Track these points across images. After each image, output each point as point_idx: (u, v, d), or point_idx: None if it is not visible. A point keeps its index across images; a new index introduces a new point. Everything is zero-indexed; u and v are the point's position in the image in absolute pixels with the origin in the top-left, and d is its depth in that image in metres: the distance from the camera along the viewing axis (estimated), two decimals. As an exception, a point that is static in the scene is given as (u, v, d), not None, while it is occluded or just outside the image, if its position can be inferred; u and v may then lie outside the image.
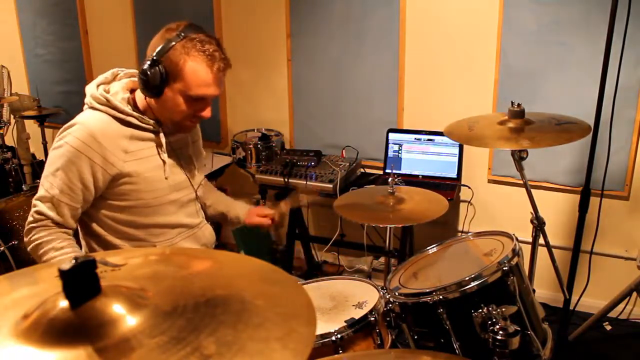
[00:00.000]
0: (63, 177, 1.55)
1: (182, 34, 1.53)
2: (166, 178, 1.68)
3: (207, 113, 1.62)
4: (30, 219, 1.60)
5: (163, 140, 1.67)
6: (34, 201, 1.60)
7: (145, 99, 1.64)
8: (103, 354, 0.59)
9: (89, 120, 1.58)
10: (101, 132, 1.57)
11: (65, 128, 1.59)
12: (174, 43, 1.52)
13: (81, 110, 1.67)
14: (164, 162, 1.68)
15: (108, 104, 1.60)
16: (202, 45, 1.53)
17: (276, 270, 0.79)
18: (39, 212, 1.58)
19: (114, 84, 1.68)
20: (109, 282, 0.66)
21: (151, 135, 1.65)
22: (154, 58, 1.53)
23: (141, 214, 1.67)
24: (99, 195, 1.62)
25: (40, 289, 0.71)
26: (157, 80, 1.54)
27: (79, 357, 0.59)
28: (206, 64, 1.53)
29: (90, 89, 1.65)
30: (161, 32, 1.57)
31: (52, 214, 1.57)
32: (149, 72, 1.54)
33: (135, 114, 1.61)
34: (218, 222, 2.05)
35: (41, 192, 1.58)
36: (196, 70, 1.53)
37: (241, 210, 1.98)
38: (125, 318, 0.63)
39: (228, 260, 0.85)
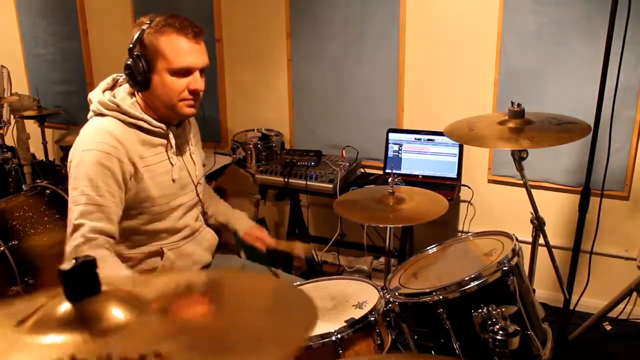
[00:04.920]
0: (100, 184, 1.51)
1: (150, 20, 1.57)
2: (173, 181, 1.68)
3: (199, 85, 1.60)
4: (77, 241, 1.49)
5: (173, 141, 1.67)
6: (76, 222, 1.50)
7: (143, 98, 1.64)
8: (99, 339, 0.59)
9: (105, 126, 1.57)
10: (121, 135, 1.57)
11: (82, 137, 1.57)
12: (144, 28, 1.56)
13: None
14: (172, 164, 1.68)
15: (118, 109, 1.59)
16: (171, 20, 1.56)
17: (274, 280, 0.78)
18: (94, 230, 1.49)
19: (118, 90, 1.67)
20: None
21: (160, 140, 1.65)
22: (131, 49, 1.56)
23: (152, 220, 1.67)
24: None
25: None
26: (140, 68, 1.55)
27: (75, 340, 0.59)
28: (178, 33, 1.55)
29: (97, 96, 1.63)
30: (134, 29, 1.59)
31: (108, 226, 1.51)
32: (131, 65, 1.55)
33: (146, 117, 1.61)
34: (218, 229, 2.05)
35: (84, 207, 1.50)
36: (171, 42, 1.54)
37: (241, 225, 1.98)
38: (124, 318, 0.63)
39: (230, 297, 0.82)
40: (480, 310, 1.43)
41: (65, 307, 0.63)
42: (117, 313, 0.64)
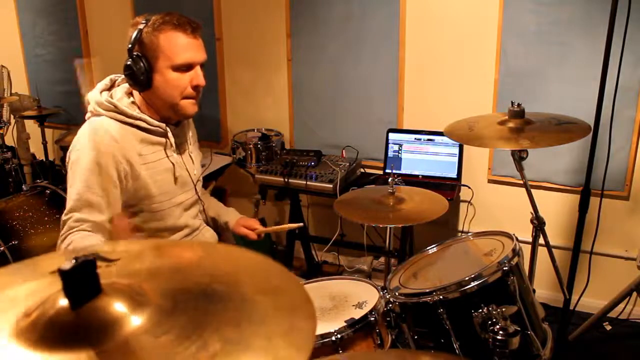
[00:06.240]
0: (94, 182, 1.52)
1: (146, 20, 1.57)
2: (175, 179, 1.69)
3: (201, 80, 1.61)
4: (63, 230, 1.52)
5: (172, 139, 1.67)
6: (65, 216, 1.52)
7: (143, 97, 1.64)
8: (105, 357, 0.59)
9: (101, 125, 1.58)
10: (118, 133, 1.57)
11: (79, 137, 1.58)
12: (141, 28, 1.56)
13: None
14: (173, 164, 1.68)
15: (115, 109, 1.59)
16: (169, 18, 1.56)
17: (271, 262, 0.78)
18: (77, 220, 1.50)
19: (116, 90, 1.68)
20: (105, 279, 0.66)
21: (159, 139, 1.66)
22: (130, 49, 1.56)
23: (152, 218, 1.67)
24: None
25: (40, 285, 0.71)
26: (141, 68, 1.55)
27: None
28: (177, 30, 1.55)
29: (94, 96, 1.64)
30: (130, 29, 1.59)
31: (94, 215, 1.51)
32: (131, 65, 1.55)
33: (143, 116, 1.61)
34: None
35: (73, 203, 1.52)
36: (170, 39, 1.55)
37: (231, 217, 1.98)
38: (127, 318, 0.63)
39: (221, 253, 0.84)
40: (480, 310, 1.43)
41: (64, 312, 0.63)
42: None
